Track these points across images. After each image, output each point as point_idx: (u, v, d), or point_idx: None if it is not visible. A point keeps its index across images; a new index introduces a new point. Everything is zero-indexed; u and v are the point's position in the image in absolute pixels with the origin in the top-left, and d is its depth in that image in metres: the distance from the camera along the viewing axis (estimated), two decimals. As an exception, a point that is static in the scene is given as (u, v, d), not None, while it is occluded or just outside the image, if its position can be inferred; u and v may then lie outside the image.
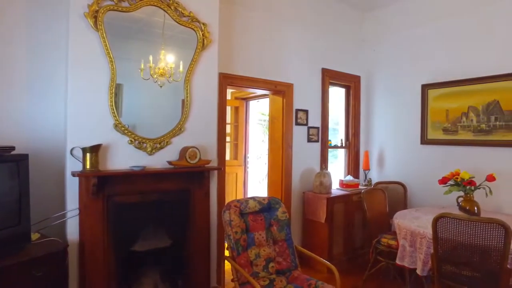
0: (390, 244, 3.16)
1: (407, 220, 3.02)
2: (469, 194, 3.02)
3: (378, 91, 4.69)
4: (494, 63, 3.51)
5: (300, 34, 4.08)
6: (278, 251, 2.73)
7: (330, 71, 4.38)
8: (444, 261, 2.45)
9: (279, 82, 3.88)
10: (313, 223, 3.92)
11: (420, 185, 4.07)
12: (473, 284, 2.36)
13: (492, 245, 2.21)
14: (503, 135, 3.42)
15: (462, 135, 3.72)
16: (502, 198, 3.42)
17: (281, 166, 3.98)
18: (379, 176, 4.58)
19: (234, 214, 2.60)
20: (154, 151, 2.79)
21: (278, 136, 4.03)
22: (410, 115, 4.25)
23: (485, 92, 3.54)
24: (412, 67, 4.25)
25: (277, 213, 2.78)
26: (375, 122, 4.71)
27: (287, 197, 3.95)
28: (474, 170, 3.40)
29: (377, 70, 4.69)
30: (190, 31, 2.95)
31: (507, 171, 3.40)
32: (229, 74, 3.47)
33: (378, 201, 3.57)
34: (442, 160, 3.89)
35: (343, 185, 4.20)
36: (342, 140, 4.71)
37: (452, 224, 2.31)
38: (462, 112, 3.73)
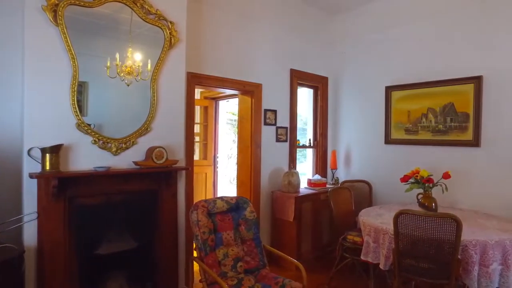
0: (355, 241, 3.26)
1: (371, 217, 3.13)
2: (427, 191, 3.17)
3: (345, 92, 4.82)
4: (450, 68, 3.71)
5: (269, 34, 4.12)
6: (246, 251, 2.75)
7: (299, 72, 4.45)
8: (404, 255, 2.56)
9: (248, 82, 3.90)
10: (281, 222, 3.97)
11: (384, 183, 4.23)
12: (430, 275, 2.49)
13: (446, 238, 2.34)
14: (457, 135, 3.63)
15: (422, 135, 3.91)
16: (456, 194, 3.62)
17: (250, 166, 4.00)
18: (346, 175, 4.72)
19: (202, 214, 2.59)
20: (119, 151, 2.72)
21: (246, 136, 4.05)
22: (375, 116, 4.41)
23: (442, 94, 3.74)
24: (377, 70, 4.41)
25: (245, 212, 2.80)
26: (342, 123, 4.85)
27: (256, 196, 3.97)
28: (432, 168, 3.58)
29: (344, 71, 4.82)
30: (158, 29, 2.90)
31: (460, 169, 3.61)
32: (197, 73, 3.44)
33: (344, 199, 3.67)
34: (404, 159, 4.06)
35: (311, 184, 4.29)
36: (310, 140, 4.81)
37: (411, 220, 2.42)
38: (422, 113, 3.92)
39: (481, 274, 2.43)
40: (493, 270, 2.41)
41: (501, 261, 2.45)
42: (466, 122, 3.57)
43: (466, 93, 3.56)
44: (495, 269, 2.42)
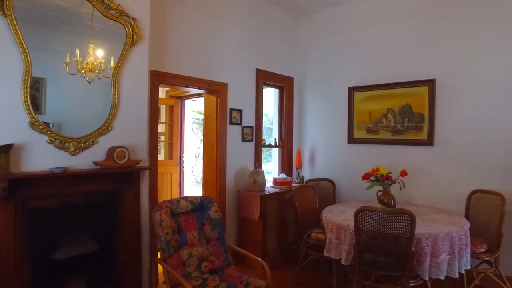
0: (319, 238, 3.34)
1: (334, 214, 3.23)
2: (387, 188, 3.32)
3: (310, 93, 4.93)
4: (407, 71, 3.91)
5: (235, 34, 4.13)
6: (211, 250, 2.74)
7: (265, 72, 4.49)
8: (364, 250, 2.67)
9: (213, 81, 3.88)
10: (247, 221, 3.99)
11: (347, 181, 4.37)
12: (387, 268, 2.61)
13: (402, 232, 2.46)
14: (414, 135, 3.83)
15: (382, 135, 4.09)
16: (413, 190, 3.82)
17: (215, 165, 3.98)
18: (311, 174, 4.82)
19: (165, 214, 2.55)
20: (78, 151, 2.61)
21: (212, 135, 4.03)
22: (339, 116, 4.54)
23: (400, 96, 3.93)
24: (341, 71, 4.55)
25: (209, 212, 2.78)
26: (307, 122, 4.95)
27: (221, 196, 3.96)
28: (391, 166, 3.74)
29: (309, 72, 4.92)
30: (120, 25, 2.81)
31: (416, 166, 3.81)
32: (161, 72, 3.38)
33: (308, 197, 3.75)
34: (366, 157, 4.22)
35: (276, 183, 4.34)
36: (276, 139, 4.87)
37: (370, 216, 2.52)
38: (382, 113, 4.09)
39: (432, 264, 2.58)
40: (442, 260, 2.58)
41: (448, 251, 2.62)
42: (421, 122, 3.77)
43: (421, 95, 3.77)
44: (443, 259, 2.58)
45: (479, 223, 3.23)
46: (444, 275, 2.61)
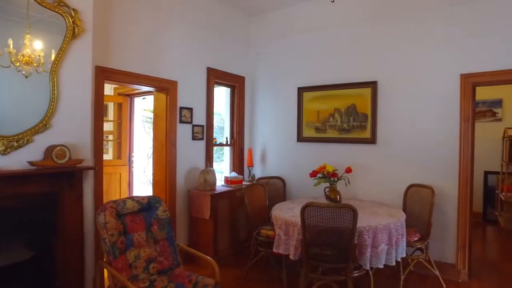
0: (268, 235, 3.41)
1: (283, 211, 3.31)
2: (333, 185, 3.47)
3: (261, 92, 5.00)
4: (352, 72, 4.12)
5: (186, 31, 4.07)
6: (159, 251, 2.68)
7: (216, 70, 4.48)
8: (311, 245, 2.77)
9: (162, 79, 3.79)
10: (198, 220, 3.96)
11: (297, 178, 4.50)
12: (332, 260, 2.74)
13: (345, 226, 2.60)
14: (358, 134, 4.05)
15: (330, 133, 4.27)
16: (358, 186, 4.04)
17: (165, 164, 3.90)
18: (262, 172, 4.89)
19: (110, 215, 2.45)
20: (9, 150, 2.42)
21: (161, 134, 3.94)
22: (289, 115, 4.66)
23: (346, 96, 4.13)
24: (291, 71, 4.67)
25: (157, 212, 2.72)
26: (258, 121, 5.01)
27: (171, 195, 3.89)
28: (338, 163, 3.93)
29: (261, 72, 4.99)
30: (59, 16, 2.64)
31: (361, 163, 4.03)
32: (107, 68, 3.23)
33: (258, 195, 3.81)
34: (315, 155, 4.38)
35: (228, 182, 4.35)
36: (227, 138, 4.87)
37: (316, 212, 2.63)
38: (330, 113, 4.27)
39: (373, 254, 2.76)
40: (381, 250, 2.76)
41: (387, 241, 2.82)
42: (365, 122, 4.00)
43: (365, 96, 3.99)
44: (383, 249, 2.77)
45: (414, 214, 3.51)
46: (383, 263, 2.81)
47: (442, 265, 3.57)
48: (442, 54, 3.61)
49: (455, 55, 3.54)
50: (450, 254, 3.60)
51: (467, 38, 3.48)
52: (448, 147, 3.58)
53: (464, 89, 3.48)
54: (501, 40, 3.32)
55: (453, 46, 3.55)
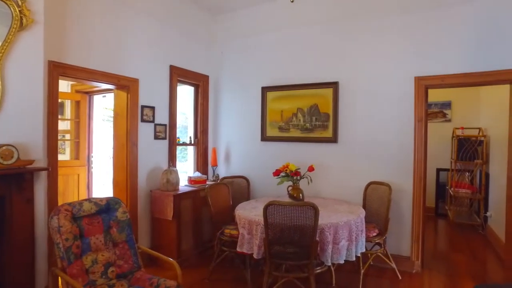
0: (232, 234, 3.40)
1: (246, 210, 3.31)
2: (296, 183, 3.53)
3: (225, 91, 4.97)
4: (314, 73, 4.21)
5: (147, 28, 3.95)
6: (118, 254, 2.58)
7: (179, 68, 4.39)
8: (274, 243, 2.80)
9: (123, 76, 3.66)
10: (161, 222, 3.87)
11: (261, 178, 4.52)
12: (295, 258, 2.78)
13: (307, 224, 2.65)
14: (320, 133, 4.14)
15: (293, 133, 4.33)
16: (320, 184, 4.14)
17: (126, 165, 3.77)
18: (226, 172, 4.87)
19: (65, 219, 2.32)
20: (-52, 151, 2.22)
21: (122, 133, 3.80)
22: (253, 114, 4.68)
23: (309, 96, 4.21)
24: (255, 71, 4.68)
25: (116, 213, 2.62)
26: (222, 120, 4.98)
27: (133, 196, 3.77)
28: (301, 162, 4.00)
29: (225, 71, 4.97)
30: (4, 4, 2.46)
31: (323, 162, 4.13)
32: (61, 63, 3.06)
33: (222, 195, 3.79)
34: (278, 154, 4.43)
35: (191, 182, 4.29)
36: (191, 137, 4.80)
37: (278, 210, 2.66)
38: (293, 113, 4.33)
39: (334, 251, 2.83)
40: (342, 246, 2.84)
41: (347, 238, 2.90)
42: (327, 121, 4.10)
43: (327, 96, 4.09)
44: (343, 245, 2.85)
45: (373, 210, 3.65)
46: (343, 259, 2.89)
47: (398, 257, 3.75)
48: (398, 57, 3.78)
49: (410, 58, 3.72)
50: (406, 247, 3.79)
51: (420, 43, 3.67)
52: (404, 145, 3.75)
53: (418, 91, 3.67)
54: (450, 46, 3.54)
55: (408, 50, 3.73)
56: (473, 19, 3.45)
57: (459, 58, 3.50)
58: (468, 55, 3.46)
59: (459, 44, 3.51)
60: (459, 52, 3.51)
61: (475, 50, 3.44)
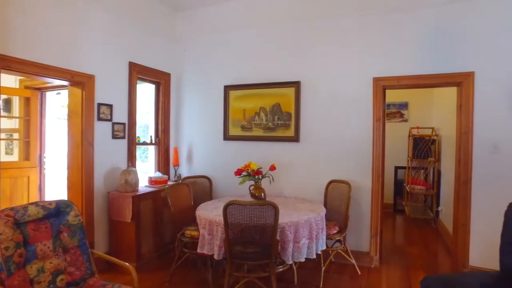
0: (193, 235, 3.33)
1: (207, 211, 3.26)
2: (257, 182, 3.52)
3: (187, 89, 4.87)
4: (277, 72, 4.23)
5: (105, 22, 3.77)
6: (69, 261, 2.43)
7: (139, 65, 4.24)
8: (234, 243, 2.77)
9: (77, 72, 3.46)
10: (119, 224, 3.71)
11: (223, 177, 4.48)
12: (256, 258, 2.77)
13: (267, 223, 2.64)
14: (282, 132, 4.17)
15: (256, 132, 4.32)
16: (283, 183, 4.17)
17: (81, 165, 3.58)
18: (188, 171, 4.78)
19: (5, 225, 2.15)
20: None
21: (77, 132, 3.60)
22: (215, 113, 4.62)
23: (271, 95, 4.22)
24: (217, 69, 4.62)
25: (67, 217, 2.47)
26: (184, 119, 4.88)
27: (88, 198, 3.59)
28: (263, 161, 4.01)
29: (187, 69, 4.86)
30: None
31: (285, 161, 4.16)
32: (4, 55, 2.83)
33: (183, 195, 3.70)
34: (241, 154, 4.40)
35: (152, 182, 4.16)
36: (152, 136, 4.66)
37: (238, 210, 2.63)
38: (255, 112, 4.33)
39: (294, 249, 2.85)
40: (302, 244, 2.87)
41: (308, 236, 2.93)
42: (289, 120, 4.13)
43: (289, 95, 4.12)
44: (304, 243, 2.88)
45: (334, 208, 3.72)
46: (304, 257, 2.91)
47: (358, 253, 3.85)
48: (358, 58, 3.88)
49: (369, 59, 3.83)
50: (365, 243, 3.90)
51: (378, 45, 3.79)
52: (363, 144, 3.86)
53: (376, 91, 3.79)
54: (405, 49, 3.69)
55: (367, 52, 3.84)
56: (426, 25, 3.61)
57: (413, 60, 3.66)
58: (421, 58, 3.63)
59: (413, 48, 3.66)
60: (413, 55, 3.66)
61: (427, 54, 3.60)
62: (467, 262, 3.52)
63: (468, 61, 3.47)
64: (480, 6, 3.42)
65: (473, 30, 3.45)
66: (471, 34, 3.46)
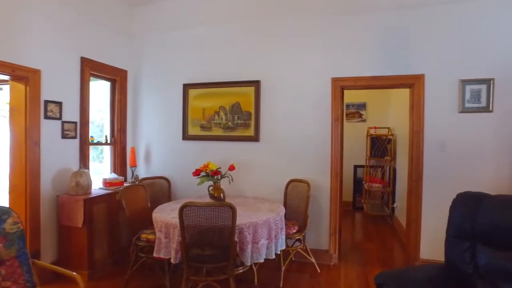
0: (149, 239, 3.20)
1: (164, 213, 3.14)
2: (216, 183, 3.45)
3: (145, 87, 4.69)
4: (237, 71, 4.18)
5: (53, 12, 3.51)
6: (4, 274, 2.23)
7: (92, 61, 4.01)
8: (191, 246, 2.69)
9: (19, 65, 3.20)
10: (70, 230, 3.49)
11: (182, 178, 4.36)
12: (214, 260, 2.70)
13: (225, 224, 2.59)
14: (242, 132, 4.13)
15: (215, 131, 4.25)
16: (243, 183, 4.13)
17: (25, 167, 3.32)
18: (146, 172, 4.61)
19: None
20: None
21: (20, 131, 3.34)
22: (174, 112, 4.49)
23: (231, 94, 4.16)
24: (176, 67, 4.49)
25: (4, 225, 2.26)
26: (142, 118, 4.69)
27: (34, 202, 3.34)
28: (223, 161, 3.95)
29: (145, 66, 4.68)
30: None
31: (245, 161, 4.13)
32: None
33: (139, 197, 3.55)
34: (200, 154, 4.31)
35: (106, 184, 3.96)
36: (107, 136, 4.43)
37: (195, 212, 2.55)
38: (215, 111, 4.25)
39: (253, 250, 2.82)
40: (261, 245, 2.84)
41: (267, 236, 2.91)
42: (249, 120, 4.10)
43: (249, 95, 4.09)
44: (263, 244, 2.85)
45: (293, 207, 3.74)
46: (263, 258, 2.89)
47: (318, 252, 3.90)
48: (317, 58, 3.92)
49: (327, 60, 3.89)
50: (324, 241, 3.96)
51: (337, 46, 3.86)
52: (322, 144, 3.91)
53: (334, 91, 3.86)
54: (362, 51, 3.78)
55: (326, 52, 3.89)
56: (381, 28, 3.72)
57: (369, 62, 3.76)
58: (377, 60, 3.73)
59: (369, 50, 3.76)
60: (369, 57, 3.76)
61: (383, 56, 3.72)
62: (418, 255, 3.68)
63: (419, 64, 3.62)
64: (429, 14, 3.58)
65: (423, 35, 3.61)
66: (421, 38, 3.61)
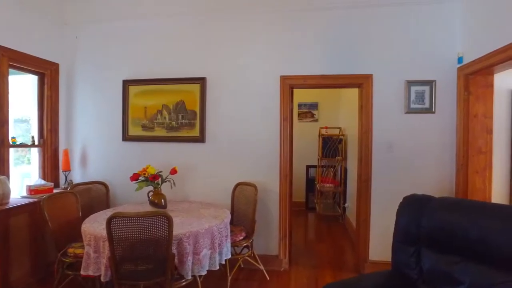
0: (77, 254, 2.83)
1: (96, 223, 2.80)
2: (157, 188, 3.17)
3: (81, 83, 4.23)
4: (181, 67, 3.90)
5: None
6: None
7: (12, 51, 3.51)
8: (124, 261, 2.39)
9: None
10: (-18, 246, 3.01)
11: (122, 183, 3.97)
12: (149, 276, 2.42)
13: (161, 235, 2.33)
14: (187, 132, 3.85)
15: (158, 132, 3.93)
16: (188, 187, 3.86)
17: None
18: (82, 177, 4.16)
19: None
20: None
21: None
22: (113, 111, 4.10)
23: (175, 92, 3.87)
24: (116, 61, 4.10)
25: None
26: (77, 117, 4.24)
27: None
28: (166, 164, 3.66)
29: (80, 59, 4.22)
30: None
31: (190, 163, 3.87)
32: None
33: (67, 206, 3.15)
34: (142, 156, 3.97)
35: (31, 192, 3.49)
36: (34, 137, 3.94)
37: (125, 223, 2.26)
38: (158, 110, 3.93)
39: (194, 262, 2.58)
40: (203, 256, 2.61)
41: (210, 246, 2.69)
42: (194, 119, 3.84)
43: (194, 92, 3.83)
44: (205, 254, 2.63)
45: (241, 212, 3.55)
46: (206, 270, 2.66)
47: (267, 257, 3.74)
48: (265, 56, 3.76)
49: (276, 57, 3.74)
50: (274, 246, 3.81)
51: (285, 43, 3.72)
52: (271, 144, 3.76)
53: (283, 90, 3.72)
54: (311, 49, 3.67)
55: (274, 49, 3.74)
56: (330, 26, 3.65)
57: (318, 60, 3.66)
58: (326, 59, 3.65)
59: (318, 48, 3.67)
60: (318, 55, 3.66)
61: (332, 55, 3.64)
62: (367, 257, 3.65)
63: (368, 64, 3.59)
64: (376, 15, 3.57)
65: (371, 35, 3.58)
66: (370, 38, 3.58)
